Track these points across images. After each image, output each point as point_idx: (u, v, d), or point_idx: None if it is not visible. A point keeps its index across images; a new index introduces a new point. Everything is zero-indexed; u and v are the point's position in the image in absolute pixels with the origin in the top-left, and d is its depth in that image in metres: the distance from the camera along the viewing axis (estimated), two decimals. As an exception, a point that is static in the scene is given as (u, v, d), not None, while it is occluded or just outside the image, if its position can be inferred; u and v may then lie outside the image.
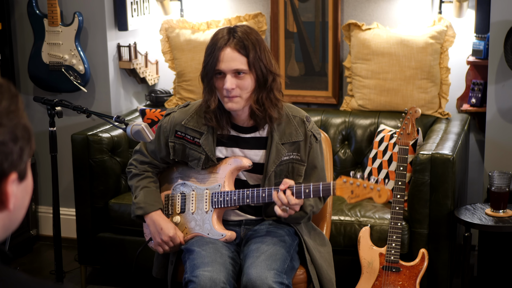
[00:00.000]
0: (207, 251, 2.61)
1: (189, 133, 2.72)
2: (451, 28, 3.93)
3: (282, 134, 2.68)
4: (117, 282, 3.97)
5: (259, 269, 2.52)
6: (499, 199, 3.38)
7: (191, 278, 2.53)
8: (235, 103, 2.60)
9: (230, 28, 2.63)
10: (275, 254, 2.60)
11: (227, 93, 2.58)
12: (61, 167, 4.07)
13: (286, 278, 2.55)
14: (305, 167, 2.71)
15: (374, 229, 3.45)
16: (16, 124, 1.12)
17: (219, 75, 2.60)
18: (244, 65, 2.57)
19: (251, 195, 2.64)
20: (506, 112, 3.79)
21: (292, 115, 2.72)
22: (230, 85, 2.57)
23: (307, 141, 2.71)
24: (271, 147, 2.67)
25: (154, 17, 4.43)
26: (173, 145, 2.75)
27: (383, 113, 4.03)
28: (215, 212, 2.72)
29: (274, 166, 2.66)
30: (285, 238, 2.70)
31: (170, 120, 2.77)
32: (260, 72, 2.59)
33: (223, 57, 2.57)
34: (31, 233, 4.42)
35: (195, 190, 2.77)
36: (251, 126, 2.71)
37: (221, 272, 2.53)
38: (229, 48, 2.57)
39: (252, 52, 2.57)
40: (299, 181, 2.69)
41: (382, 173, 3.69)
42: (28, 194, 1.18)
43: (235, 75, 2.58)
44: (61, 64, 4.16)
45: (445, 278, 3.44)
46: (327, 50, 4.19)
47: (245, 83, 2.59)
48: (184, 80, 4.32)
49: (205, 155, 2.70)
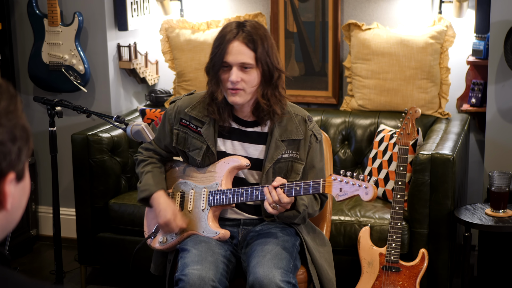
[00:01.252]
0: (199, 250, 2.63)
1: (192, 122, 2.74)
2: (451, 28, 3.93)
3: (283, 131, 2.70)
4: (117, 282, 3.97)
5: (266, 268, 2.53)
6: (499, 199, 3.38)
7: (180, 277, 2.55)
8: (238, 97, 2.62)
9: (239, 22, 2.66)
10: (281, 254, 2.61)
11: (232, 86, 2.61)
12: (61, 167, 4.07)
13: (292, 277, 2.57)
14: (303, 165, 2.71)
15: (374, 229, 3.45)
16: (15, 124, 1.12)
17: (225, 68, 2.63)
18: (251, 59, 2.60)
19: (245, 193, 2.66)
20: (506, 112, 3.78)
21: (294, 113, 2.74)
22: (235, 78, 2.59)
23: (307, 140, 2.71)
24: (271, 142, 2.68)
25: (154, 17, 4.44)
26: (177, 132, 2.77)
27: (383, 113, 4.03)
28: (211, 210, 2.73)
29: (272, 162, 2.67)
30: (287, 238, 2.70)
31: (175, 108, 2.80)
32: (266, 68, 2.62)
33: (231, 50, 2.60)
34: (31, 233, 4.42)
35: (194, 188, 2.78)
36: (253, 121, 2.73)
37: (210, 270, 2.54)
38: (238, 42, 2.60)
39: (260, 47, 2.60)
40: (296, 179, 2.69)
41: (382, 173, 3.69)
42: (25, 194, 1.18)
43: (241, 68, 2.61)
44: (61, 64, 4.16)
45: (445, 278, 3.44)
46: (327, 50, 4.18)
47: (250, 77, 2.61)
48: (184, 80, 4.32)
49: (206, 145, 2.72)
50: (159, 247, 2.81)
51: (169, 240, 2.78)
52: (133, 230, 3.67)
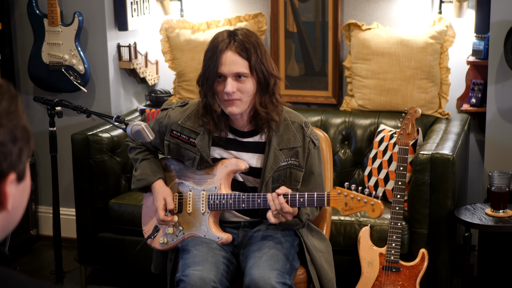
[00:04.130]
0: (200, 251, 2.62)
1: (185, 132, 2.72)
2: (451, 28, 3.93)
3: (280, 140, 2.68)
4: (117, 282, 3.97)
5: (261, 269, 2.53)
6: (499, 199, 3.38)
7: (181, 278, 2.55)
8: (235, 107, 2.59)
9: (230, 31, 2.63)
10: (277, 255, 2.60)
11: (228, 97, 2.57)
12: (61, 167, 4.07)
13: (288, 278, 2.57)
14: (303, 173, 2.70)
15: (374, 229, 3.45)
16: (16, 125, 1.12)
17: (219, 79, 2.59)
18: (246, 68, 2.57)
19: (246, 200, 2.64)
20: (506, 112, 3.79)
21: (291, 120, 2.71)
22: (231, 89, 2.56)
23: (306, 147, 2.70)
24: (269, 152, 2.66)
25: (154, 17, 4.44)
26: (168, 143, 2.76)
27: (383, 113, 4.03)
28: (212, 214, 2.72)
29: (271, 172, 2.66)
30: (285, 238, 2.70)
31: (167, 118, 2.77)
32: (262, 75, 2.59)
33: (224, 61, 2.56)
34: (31, 233, 4.42)
35: (192, 190, 2.76)
36: (249, 131, 2.71)
37: (211, 271, 2.54)
38: (230, 51, 2.57)
39: (254, 56, 2.57)
40: (296, 187, 2.69)
41: (382, 173, 3.69)
42: (26, 194, 1.18)
43: (236, 78, 2.57)
44: (61, 64, 4.16)
45: (445, 278, 3.44)
46: (327, 50, 4.18)
47: (246, 86, 2.58)
48: (184, 80, 4.32)
49: (199, 155, 2.70)
50: (160, 247, 2.81)
51: (170, 241, 2.78)
52: (133, 230, 3.67)
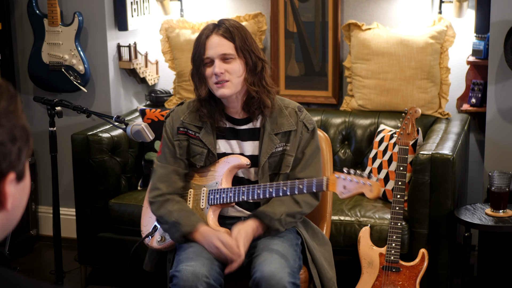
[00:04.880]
0: (195, 247, 2.63)
1: (189, 128, 2.75)
2: (451, 28, 3.93)
3: (274, 125, 2.71)
4: (117, 282, 3.97)
5: (273, 267, 2.53)
6: (499, 199, 3.38)
7: (174, 273, 2.55)
8: (225, 88, 2.63)
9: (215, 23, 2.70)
10: (287, 254, 2.61)
11: (217, 78, 2.62)
12: (61, 167, 4.07)
13: (298, 278, 2.58)
14: (293, 158, 2.72)
15: (374, 229, 3.45)
16: (15, 124, 1.12)
17: (208, 64, 2.64)
18: (232, 49, 2.63)
19: (246, 192, 2.67)
20: (506, 112, 3.78)
21: (284, 105, 2.75)
22: (218, 69, 2.61)
23: (299, 131, 2.73)
24: (264, 137, 2.70)
25: (154, 17, 4.44)
26: (178, 142, 2.76)
27: (383, 113, 4.03)
28: (211, 209, 2.73)
29: (266, 156, 2.68)
30: (290, 236, 2.71)
31: (170, 120, 2.80)
32: (249, 56, 2.65)
33: (210, 45, 2.64)
34: (31, 233, 4.42)
35: (194, 188, 2.78)
36: (245, 118, 2.74)
37: (204, 266, 2.54)
38: (215, 35, 2.64)
39: (239, 38, 2.64)
40: (286, 171, 2.70)
41: (382, 173, 3.69)
42: (25, 194, 1.18)
43: (223, 60, 2.63)
44: (61, 64, 4.16)
45: (445, 278, 3.44)
46: (327, 50, 4.18)
47: (233, 67, 2.63)
48: (184, 80, 4.32)
49: (207, 149, 2.72)
50: (157, 246, 2.81)
51: (167, 238, 2.78)
52: (133, 230, 3.66)
